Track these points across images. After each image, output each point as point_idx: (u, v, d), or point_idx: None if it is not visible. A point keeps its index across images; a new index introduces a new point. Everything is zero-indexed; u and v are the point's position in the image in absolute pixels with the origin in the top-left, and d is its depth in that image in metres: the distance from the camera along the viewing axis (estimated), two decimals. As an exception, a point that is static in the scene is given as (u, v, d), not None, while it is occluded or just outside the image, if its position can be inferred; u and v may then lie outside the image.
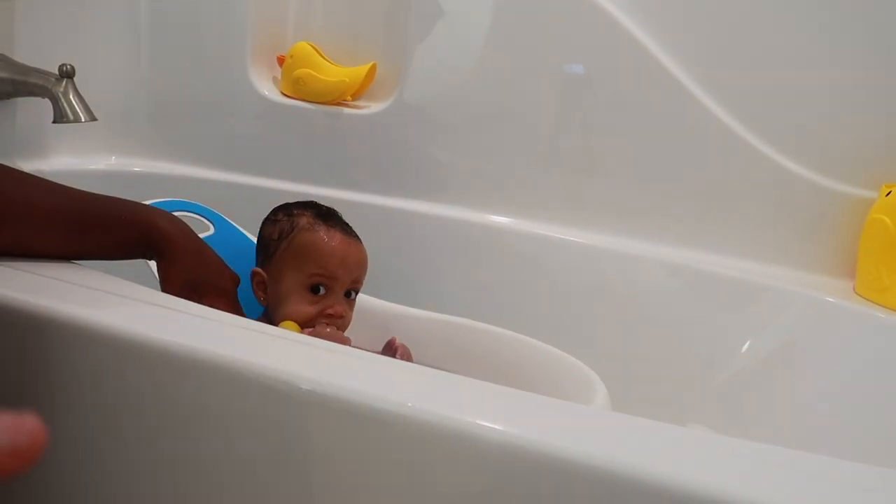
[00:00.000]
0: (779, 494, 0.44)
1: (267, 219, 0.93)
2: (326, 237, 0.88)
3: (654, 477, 0.45)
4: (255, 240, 1.00)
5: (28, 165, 1.15)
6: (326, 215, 0.92)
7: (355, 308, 0.91)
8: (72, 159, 1.26)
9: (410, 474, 0.51)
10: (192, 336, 0.58)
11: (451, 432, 0.49)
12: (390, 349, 0.92)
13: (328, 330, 0.84)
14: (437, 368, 0.59)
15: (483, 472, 0.48)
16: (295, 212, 0.91)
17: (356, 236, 0.92)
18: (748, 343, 1.13)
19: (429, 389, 0.54)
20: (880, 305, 1.06)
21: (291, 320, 0.85)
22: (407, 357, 0.92)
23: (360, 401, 0.51)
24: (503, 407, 0.52)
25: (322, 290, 0.86)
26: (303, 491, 0.54)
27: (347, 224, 0.93)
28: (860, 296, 1.10)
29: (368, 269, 0.93)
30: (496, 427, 0.48)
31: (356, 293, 0.90)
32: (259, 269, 0.90)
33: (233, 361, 0.55)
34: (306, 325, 0.85)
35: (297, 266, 0.86)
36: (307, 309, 0.85)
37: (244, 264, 0.93)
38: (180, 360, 0.56)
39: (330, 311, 0.85)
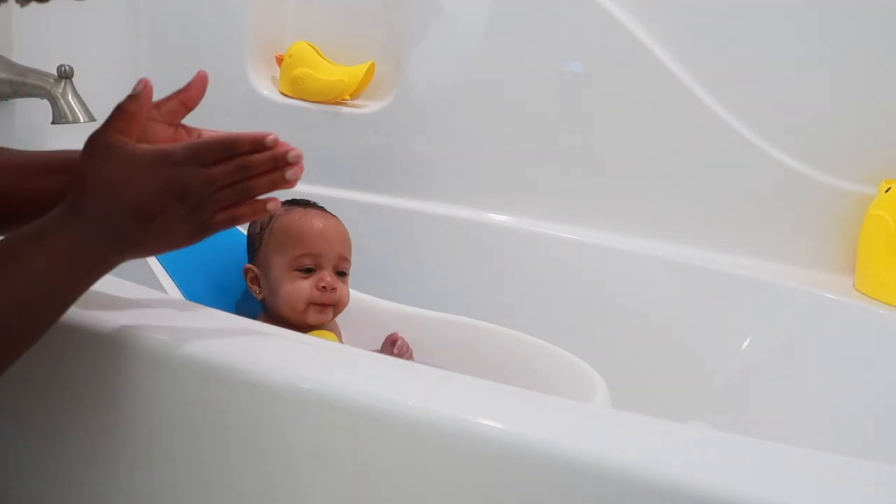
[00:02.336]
0: (779, 491, 0.44)
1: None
2: (303, 217, 0.90)
3: (654, 474, 0.45)
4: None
5: (27, 166, 1.15)
6: (301, 202, 0.94)
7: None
8: (71, 160, 1.25)
9: (411, 473, 0.51)
10: (193, 336, 0.58)
11: (452, 431, 0.49)
12: (390, 342, 0.93)
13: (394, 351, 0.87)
14: (437, 367, 0.59)
15: (484, 470, 0.48)
16: None
17: (333, 215, 0.93)
18: (748, 340, 1.13)
19: (429, 388, 0.54)
20: (880, 302, 1.06)
21: (288, 301, 0.86)
22: (405, 350, 0.93)
23: (360, 400, 0.51)
24: (503, 405, 0.52)
25: (311, 269, 0.87)
26: (304, 490, 0.54)
27: (323, 207, 0.94)
28: (860, 292, 1.10)
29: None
30: (497, 425, 0.48)
31: (346, 272, 0.90)
32: (250, 265, 0.91)
33: (233, 362, 0.55)
34: (304, 302, 0.85)
35: (282, 251, 0.88)
36: (300, 284, 0.86)
37: (244, 264, 0.93)
38: (179, 361, 0.56)
39: (322, 283, 0.86)
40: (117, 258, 0.57)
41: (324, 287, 0.86)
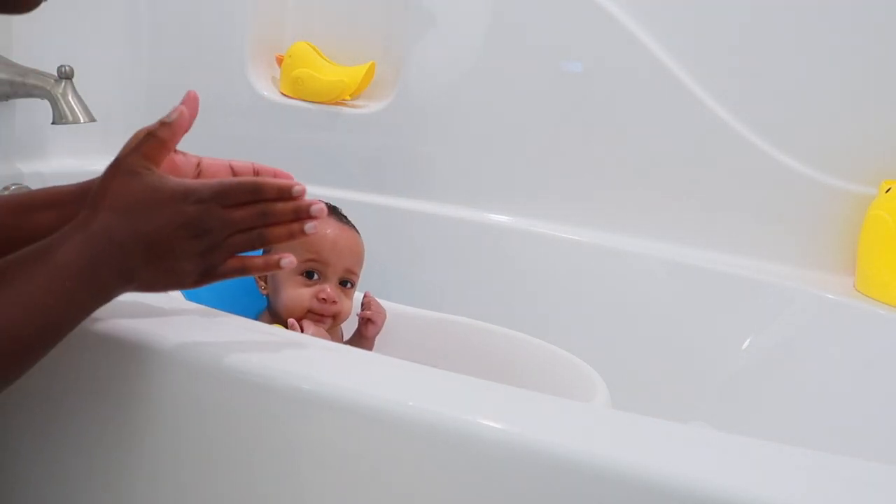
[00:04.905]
0: (780, 491, 0.44)
1: None
2: (319, 224, 0.89)
3: (654, 474, 0.45)
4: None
5: (27, 167, 1.15)
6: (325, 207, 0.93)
7: (355, 307, 0.91)
8: (71, 160, 1.25)
9: (411, 473, 0.51)
10: (193, 337, 0.58)
11: (452, 431, 0.49)
12: (366, 307, 0.94)
13: (311, 329, 0.85)
14: (438, 367, 0.59)
15: (484, 470, 0.48)
16: None
17: (352, 226, 0.93)
18: (749, 340, 1.13)
19: (429, 388, 0.54)
20: (880, 302, 1.05)
21: (287, 306, 0.87)
22: (376, 306, 0.94)
23: (360, 400, 0.51)
24: (503, 405, 0.52)
25: (315, 276, 0.88)
26: (304, 490, 0.54)
27: (345, 217, 0.94)
28: (860, 292, 1.10)
29: (368, 268, 0.93)
30: (497, 425, 0.48)
31: (353, 285, 0.91)
32: None
33: (233, 363, 0.55)
34: (301, 310, 0.86)
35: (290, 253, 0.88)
36: (301, 291, 0.86)
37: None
38: (179, 362, 0.56)
39: (322, 295, 0.86)
40: (120, 290, 0.54)
41: (323, 299, 0.86)
